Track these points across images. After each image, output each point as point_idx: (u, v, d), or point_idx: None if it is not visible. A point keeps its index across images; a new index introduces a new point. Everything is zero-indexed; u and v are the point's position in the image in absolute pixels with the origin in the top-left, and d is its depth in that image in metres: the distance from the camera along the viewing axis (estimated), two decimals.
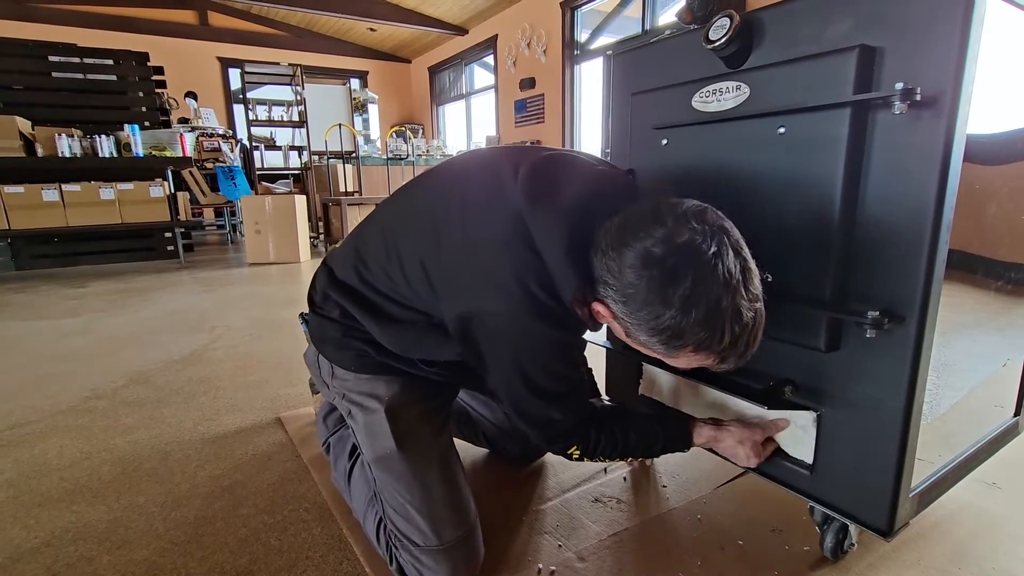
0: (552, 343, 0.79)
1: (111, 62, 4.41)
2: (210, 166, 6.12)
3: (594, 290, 0.72)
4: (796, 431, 0.90)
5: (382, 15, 7.62)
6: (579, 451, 0.88)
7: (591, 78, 6.57)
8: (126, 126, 4.15)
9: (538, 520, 1.06)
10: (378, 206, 0.98)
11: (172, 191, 4.39)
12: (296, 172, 7.14)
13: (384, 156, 5.99)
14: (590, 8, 6.31)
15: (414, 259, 0.83)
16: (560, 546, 0.99)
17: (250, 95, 6.88)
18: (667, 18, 5.40)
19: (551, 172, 0.78)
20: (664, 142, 0.97)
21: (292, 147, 7.30)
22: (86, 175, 4.07)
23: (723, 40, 0.81)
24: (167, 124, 4.95)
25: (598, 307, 0.72)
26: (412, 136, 6.18)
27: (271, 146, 7.51)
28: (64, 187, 3.94)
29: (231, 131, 7.47)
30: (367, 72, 9.48)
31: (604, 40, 6.31)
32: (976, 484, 1.14)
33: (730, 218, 0.68)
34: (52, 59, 4.23)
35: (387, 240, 0.88)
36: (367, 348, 0.93)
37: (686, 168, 0.94)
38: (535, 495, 1.15)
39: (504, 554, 0.97)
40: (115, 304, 3.07)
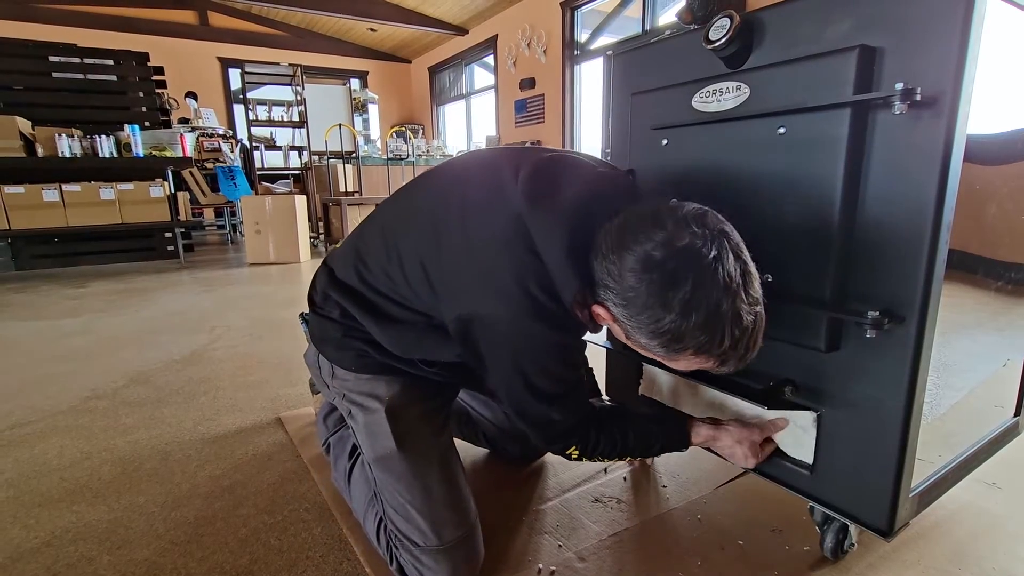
0: (552, 345, 0.79)
1: (111, 62, 4.41)
2: (210, 166, 6.12)
3: (594, 292, 0.71)
4: (796, 432, 0.90)
5: (382, 15, 7.62)
6: (578, 451, 0.88)
7: (591, 78, 6.57)
8: (126, 126, 4.15)
9: (538, 520, 1.06)
10: (378, 206, 0.98)
11: (172, 191, 4.39)
12: (296, 172, 7.14)
13: (384, 156, 5.99)
14: (590, 8, 6.31)
15: (414, 259, 0.83)
16: (560, 546, 0.99)
17: (250, 95, 6.88)
18: (667, 18, 5.40)
19: (552, 173, 0.78)
20: (664, 142, 0.97)
21: (292, 147, 7.30)
22: (86, 175, 4.07)
23: (723, 40, 0.81)
24: (167, 124, 4.95)
25: (598, 309, 0.72)
26: (412, 136, 6.18)
27: (271, 146, 7.52)
28: (64, 187, 3.95)
29: (231, 131, 7.47)
30: (367, 72, 9.48)
31: (604, 40, 6.31)
32: (976, 484, 1.14)
33: (730, 218, 0.68)
34: (52, 59, 4.23)
35: (387, 240, 0.88)
36: (367, 348, 0.93)
37: (686, 168, 0.94)
38: (535, 495, 1.15)
39: (504, 554, 0.97)
40: (115, 304, 3.07)
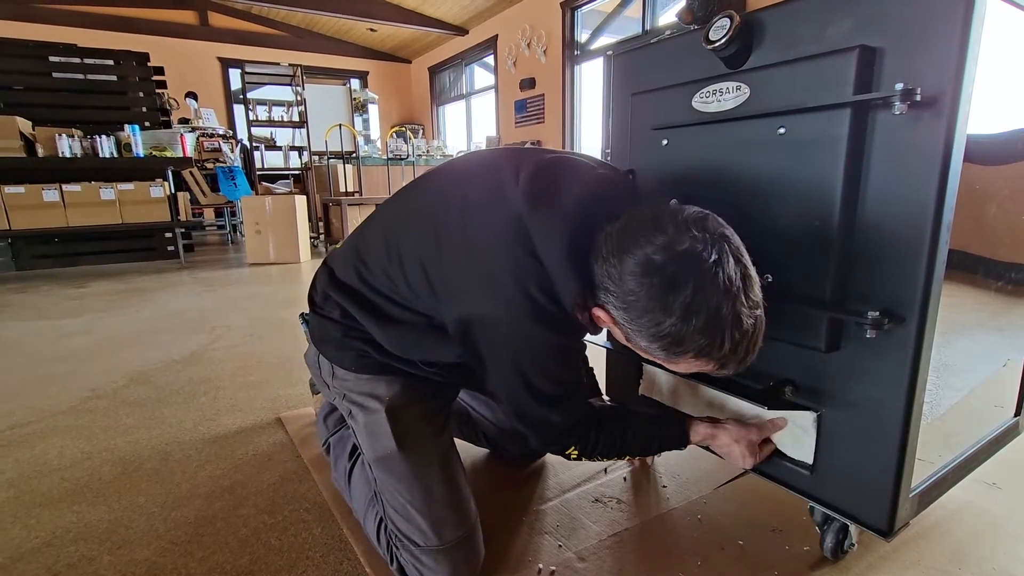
0: (552, 347, 0.79)
1: (111, 62, 4.41)
2: (210, 166, 6.12)
3: (594, 295, 0.71)
4: (795, 432, 0.90)
5: (382, 15, 7.62)
6: (577, 451, 0.89)
7: (591, 78, 6.57)
8: (126, 126, 4.15)
9: (538, 520, 1.06)
10: (379, 207, 0.98)
11: (172, 191, 4.39)
12: (296, 172, 7.14)
13: (384, 156, 5.99)
14: (590, 8, 6.31)
15: (414, 260, 0.83)
16: (560, 546, 0.99)
17: (250, 95, 6.88)
18: (667, 18, 5.40)
19: (553, 175, 0.78)
20: (664, 142, 0.98)
21: (292, 147, 7.30)
22: (86, 175, 4.07)
23: (723, 40, 0.81)
24: (167, 124, 4.95)
25: (598, 312, 0.72)
26: (412, 136, 6.18)
27: (271, 146, 7.52)
28: (64, 187, 3.95)
29: (231, 131, 7.47)
30: (367, 72, 9.48)
31: (604, 40, 6.31)
32: (976, 484, 1.14)
33: (731, 219, 0.68)
34: (53, 59, 4.23)
35: (388, 241, 0.88)
36: (367, 348, 0.93)
37: (686, 168, 0.95)
38: (535, 495, 1.15)
39: (504, 554, 0.97)
40: (115, 304, 3.07)
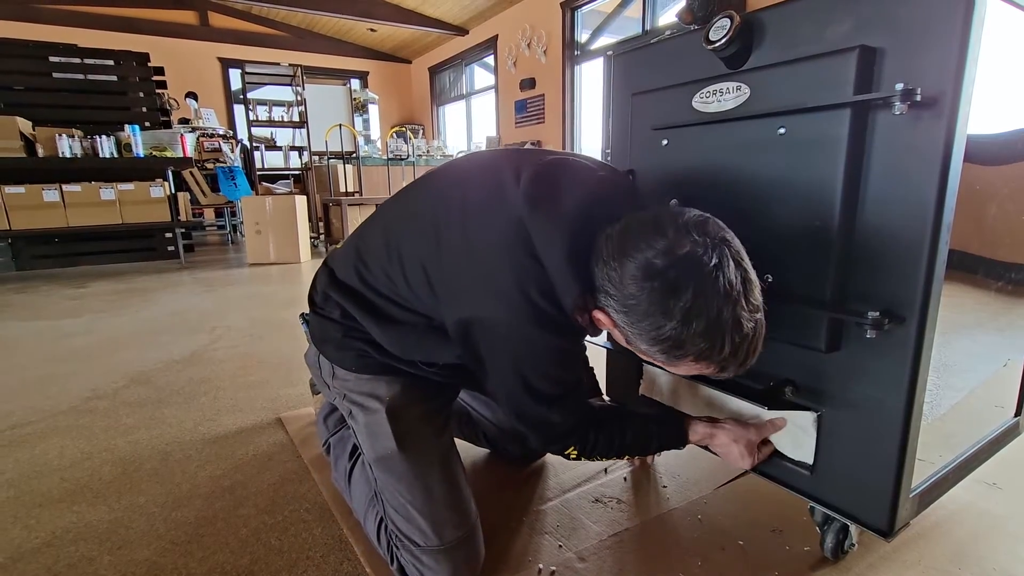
0: (552, 350, 0.79)
1: (112, 62, 4.41)
2: (210, 166, 6.13)
3: (595, 298, 0.71)
4: (795, 433, 0.90)
5: (382, 15, 7.62)
6: (577, 451, 0.89)
7: (591, 78, 6.57)
8: (127, 126, 4.15)
9: (539, 520, 1.06)
10: (380, 207, 0.98)
11: (172, 191, 4.39)
12: (296, 172, 7.15)
13: (384, 156, 5.99)
14: (590, 8, 6.31)
15: (415, 261, 0.83)
16: (561, 546, 0.99)
17: (250, 95, 6.89)
18: (667, 18, 5.40)
19: (553, 177, 0.78)
20: (664, 142, 0.98)
21: (292, 147, 7.30)
22: (87, 175, 4.07)
23: (723, 41, 0.81)
24: (167, 124, 4.95)
25: (599, 315, 0.72)
26: (412, 136, 6.18)
27: (271, 146, 7.52)
28: (65, 187, 3.95)
29: (231, 131, 7.47)
30: (367, 72, 9.48)
31: (604, 40, 6.31)
32: (977, 484, 1.14)
33: (730, 218, 0.68)
34: (53, 59, 4.23)
35: (388, 242, 0.88)
36: (368, 348, 0.93)
37: (686, 168, 0.95)
38: (536, 495, 1.15)
39: (505, 554, 0.97)
40: (116, 304, 3.07)
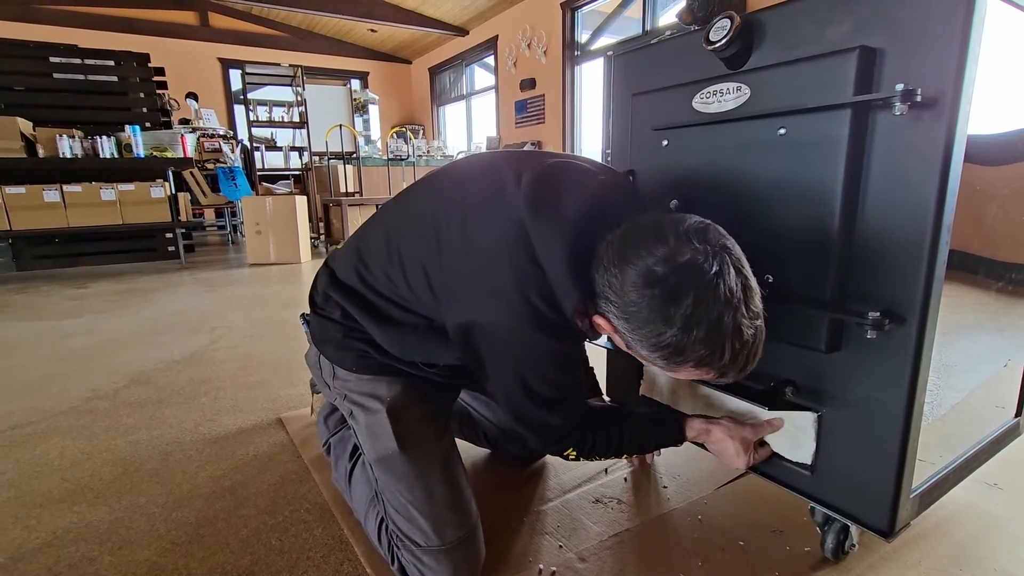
0: (552, 353, 0.79)
1: (112, 63, 4.41)
2: (211, 167, 6.13)
3: (595, 303, 0.72)
4: (794, 434, 0.90)
5: (383, 16, 7.62)
6: (575, 452, 0.89)
7: (592, 79, 6.57)
8: (127, 127, 4.15)
9: (539, 521, 1.06)
10: (381, 208, 0.98)
11: (173, 192, 4.39)
12: (297, 173, 7.15)
13: (385, 157, 5.99)
14: (591, 9, 6.31)
15: (415, 262, 0.83)
16: (561, 547, 0.99)
17: (251, 96, 6.89)
18: (668, 19, 5.40)
19: (554, 181, 0.78)
20: (665, 143, 0.98)
21: (293, 148, 7.30)
22: (87, 176, 4.07)
23: (724, 41, 0.81)
24: (168, 125, 4.95)
25: (599, 320, 0.73)
26: (413, 137, 6.18)
27: (272, 147, 7.52)
28: (65, 188, 3.95)
29: (232, 132, 7.47)
30: (367, 73, 9.49)
31: (605, 41, 6.31)
32: (977, 485, 1.14)
33: (731, 219, 0.68)
34: (53, 60, 4.23)
35: (389, 242, 0.88)
36: (368, 349, 0.93)
37: (687, 169, 0.95)
38: (536, 496, 1.15)
39: (505, 554, 0.97)
40: (116, 305, 3.07)
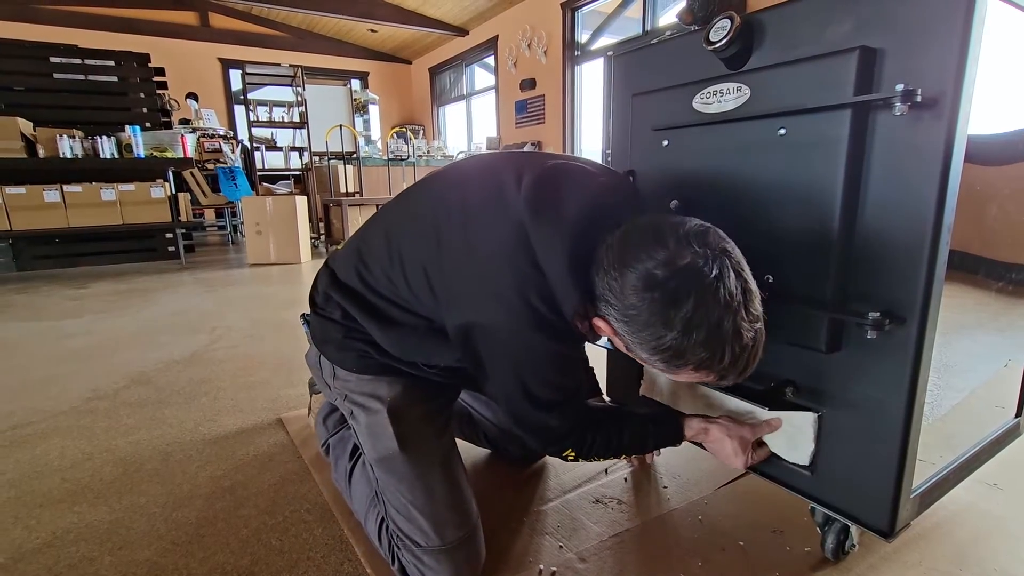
0: (552, 355, 0.80)
1: (112, 63, 4.41)
2: (211, 167, 6.13)
3: (595, 306, 0.72)
4: (792, 434, 0.90)
5: (383, 16, 7.62)
6: (574, 453, 0.89)
7: (592, 79, 6.57)
8: (127, 127, 4.15)
9: (539, 521, 1.06)
10: (381, 208, 0.98)
11: (173, 192, 4.39)
12: (297, 173, 7.15)
13: (385, 157, 5.99)
14: (591, 9, 6.31)
15: (416, 263, 0.84)
16: (561, 547, 0.99)
17: (251, 96, 6.88)
18: (668, 19, 5.40)
19: (555, 183, 0.78)
20: (665, 143, 0.98)
21: (293, 148, 7.30)
22: (87, 176, 4.07)
23: (724, 41, 0.81)
24: (168, 125, 4.95)
25: (599, 322, 0.73)
26: (413, 137, 6.19)
27: (272, 147, 7.52)
28: (65, 188, 3.95)
29: (232, 132, 7.47)
30: (368, 73, 9.49)
31: (605, 41, 6.32)
32: (978, 485, 1.14)
33: (731, 219, 0.68)
34: (53, 60, 4.23)
35: (390, 243, 0.88)
36: (368, 349, 0.93)
37: (687, 169, 0.95)
38: (536, 496, 1.15)
39: (505, 555, 0.97)
40: (116, 305, 3.07)
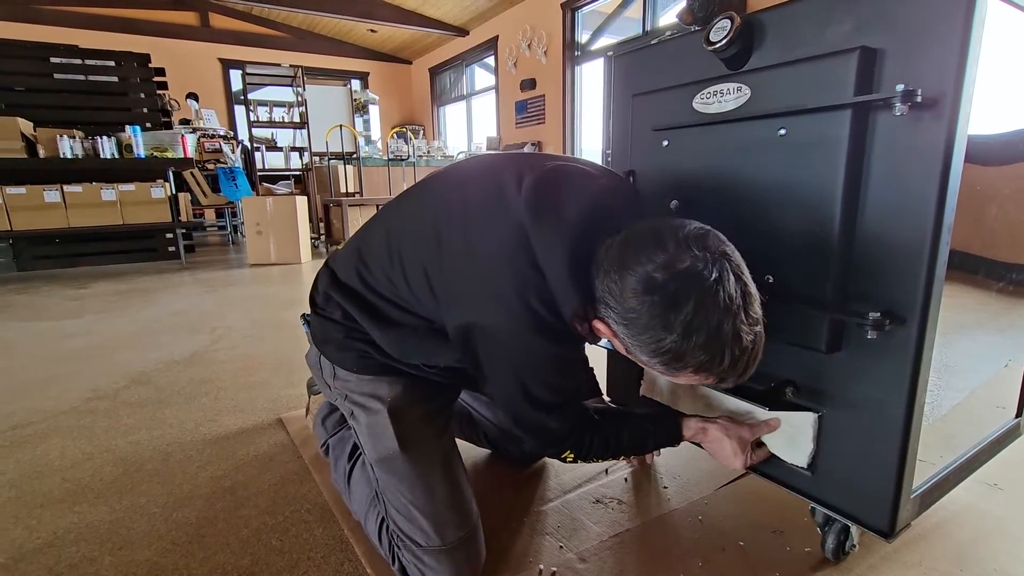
0: (551, 357, 0.80)
1: (113, 63, 4.41)
2: (211, 167, 6.13)
3: (595, 308, 0.72)
4: (791, 435, 0.90)
5: (383, 16, 7.63)
6: (573, 455, 0.89)
7: (592, 79, 6.57)
8: (127, 127, 4.15)
9: (539, 521, 1.06)
10: (381, 209, 0.98)
11: (173, 192, 4.39)
12: (297, 173, 7.15)
13: (385, 157, 6.00)
14: (591, 9, 6.31)
15: (416, 264, 0.84)
16: (561, 547, 0.99)
17: (251, 96, 6.88)
18: (668, 19, 5.40)
19: (555, 185, 0.78)
20: (665, 143, 0.98)
21: (293, 148, 7.30)
22: (88, 176, 4.07)
23: (724, 42, 0.81)
24: (168, 125, 4.95)
25: (598, 325, 0.73)
26: (413, 137, 6.19)
27: (272, 147, 7.52)
28: (66, 188, 3.95)
29: (232, 132, 7.48)
30: (368, 73, 9.49)
31: (605, 41, 6.32)
32: (978, 485, 1.14)
33: (731, 220, 0.68)
34: (54, 60, 4.23)
35: (390, 244, 0.88)
36: (369, 349, 0.93)
37: (687, 169, 0.95)
38: (536, 496, 1.15)
39: (506, 555, 0.97)
40: (116, 305, 3.07)
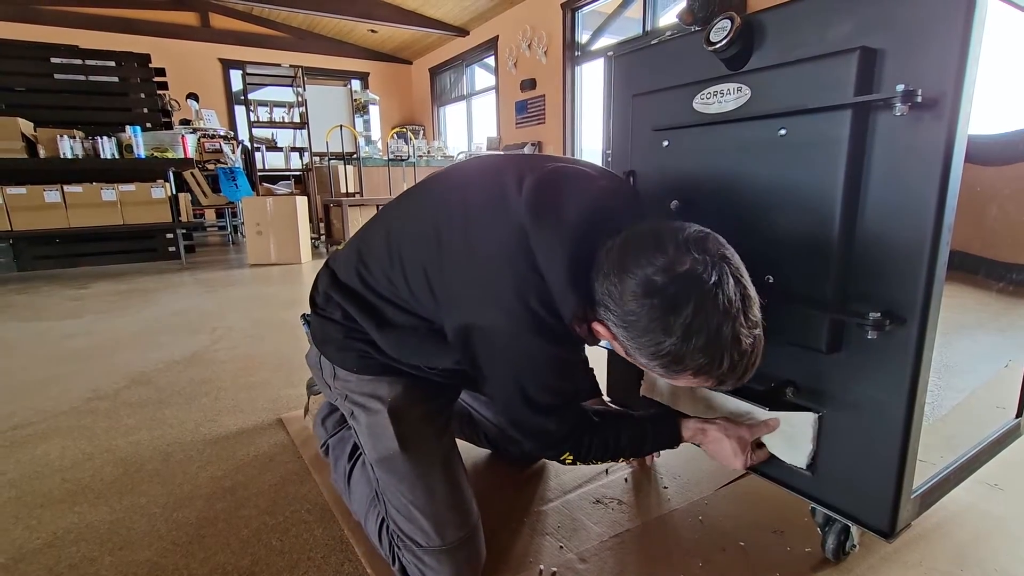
0: (551, 359, 0.80)
1: (113, 63, 4.41)
2: (211, 167, 6.13)
3: (594, 311, 0.72)
4: (790, 435, 0.90)
5: (383, 16, 7.63)
6: (572, 457, 0.89)
7: (592, 79, 6.57)
8: (128, 127, 4.15)
9: (539, 521, 1.06)
10: (382, 209, 0.98)
11: (174, 192, 4.39)
12: (297, 173, 7.15)
13: (385, 157, 6.00)
14: (591, 9, 6.32)
15: (416, 265, 0.84)
16: (561, 547, 0.99)
17: (251, 96, 6.88)
18: (668, 19, 5.41)
19: (556, 187, 0.78)
20: (665, 143, 0.98)
21: (293, 148, 7.31)
22: (88, 176, 4.07)
23: (724, 42, 0.81)
24: (169, 125, 4.95)
25: (598, 327, 0.73)
26: (413, 137, 6.19)
27: (272, 147, 7.52)
28: (66, 188, 3.95)
29: (232, 132, 7.48)
30: (368, 73, 9.49)
31: (605, 41, 6.32)
32: (978, 486, 1.14)
33: (731, 220, 0.68)
34: (54, 61, 4.23)
35: (390, 244, 0.88)
36: (369, 349, 0.93)
37: (687, 169, 0.95)
38: (536, 496, 1.15)
39: (506, 555, 0.97)
40: (117, 305, 3.07)
